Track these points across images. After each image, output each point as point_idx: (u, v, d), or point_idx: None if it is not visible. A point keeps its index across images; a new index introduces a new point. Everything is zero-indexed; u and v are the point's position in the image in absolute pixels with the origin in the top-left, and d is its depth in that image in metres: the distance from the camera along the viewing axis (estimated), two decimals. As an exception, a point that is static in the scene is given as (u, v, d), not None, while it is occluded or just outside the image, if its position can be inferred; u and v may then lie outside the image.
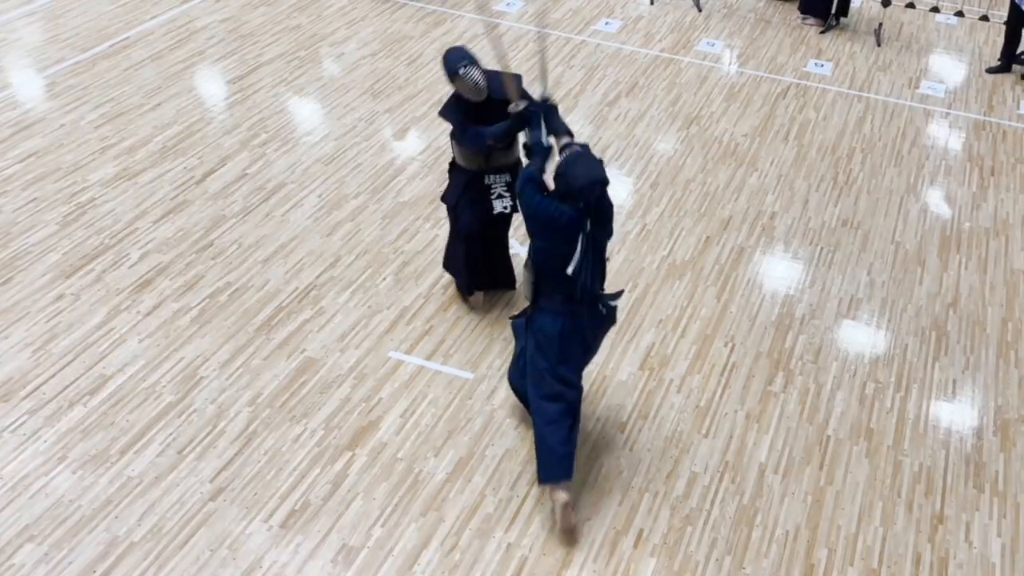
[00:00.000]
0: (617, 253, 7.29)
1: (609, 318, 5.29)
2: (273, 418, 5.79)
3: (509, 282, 6.74)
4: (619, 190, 7.86)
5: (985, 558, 5.35)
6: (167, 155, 7.98)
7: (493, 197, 6.21)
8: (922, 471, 5.81)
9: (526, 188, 4.98)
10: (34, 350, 6.13)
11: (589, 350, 5.35)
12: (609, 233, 5.13)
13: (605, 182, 4.89)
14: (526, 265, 5.20)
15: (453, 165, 6.34)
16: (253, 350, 6.24)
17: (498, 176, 6.17)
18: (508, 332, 6.47)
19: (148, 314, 6.45)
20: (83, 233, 7.10)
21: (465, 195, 6.23)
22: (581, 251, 4.90)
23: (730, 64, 10.22)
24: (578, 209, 4.85)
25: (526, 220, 5.05)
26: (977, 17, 11.08)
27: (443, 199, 6.46)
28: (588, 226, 4.90)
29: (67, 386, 5.91)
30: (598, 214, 4.95)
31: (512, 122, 5.71)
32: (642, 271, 7.15)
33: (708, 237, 7.56)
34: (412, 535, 5.20)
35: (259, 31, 9.98)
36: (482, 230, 6.34)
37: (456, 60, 5.83)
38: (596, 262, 5.05)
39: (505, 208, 6.23)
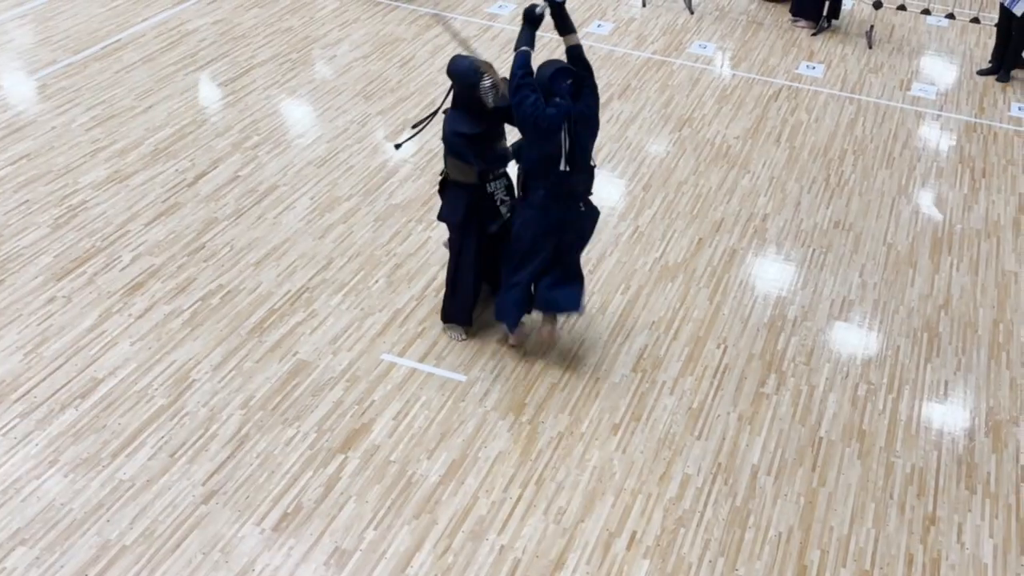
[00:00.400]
0: (610, 255, 7.30)
1: (589, 214, 6.01)
2: (265, 421, 5.78)
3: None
4: (612, 192, 7.87)
5: (977, 559, 5.36)
6: (159, 157, 7.97)
7: (498, 204, 6.15)
8: (914, 472, 5.82)
9: (518, 91, 5.65)
10: (25, 353, 6.12)
11: (565, 250, 6.02)
12: (593, 135, 5.85)
13: (569, 71, 5.67)
14: (517, 160, 5.92)
15: (448, 183, 6.15)
16: (245, 353, 6.23)
17: (497, 182, 6.14)
18: (501, 334, 6.47)
19: (140, 317, 6.43)
20: (75, 236, 7.08)
21: (472, 211, 6.09)
22: (566, 152, 5.69)
23: (722, 66, 10.24)
24: (559, 108, 5.62)
25: (517, 125, 5.75)
26: (968, 19, 11.11)
27: (443, 218, 6.26)
28: (570, 127, 5.65)
29: (58, 389, 5.89)
30: (580, 116, 5.70)
31: (526, 25, 5.81)
32: (634, 273, 7.16)
33: (700, 239, 7.57)
34: (405, 538, 5.19)
35: (251, 33, 9.97)
36: (490, 244, 6.20)
37: (471, 70, 5.77)
38: (581, 162, 5.80)
39: (507, 213, 6.15)
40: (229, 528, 5.16)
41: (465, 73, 5.80)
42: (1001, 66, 10.38)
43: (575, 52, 5.82)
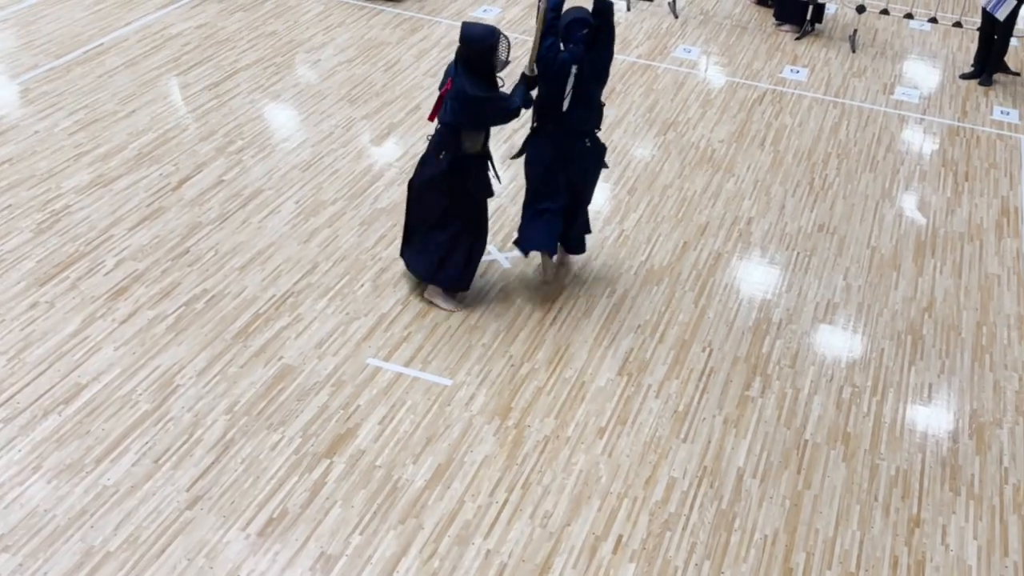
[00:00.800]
0: (595, 259, 7.30)
1: (595, 151, 6.64)
2: (250, 426, 5.76)
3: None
4: (597, 196, 7.87)
5: (962, 560, 5.38)
6: (142, 162, 7.93)
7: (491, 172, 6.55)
8: (899, 475, 5.84)
9: (544, 41, 6.28)
10: (8, 359, 6.07)
11: (576, 183, 6.66)
12: (600, 83, 6.48)
13: (586, 22, 6.29)
14: (526, 106, 6.37)
15: (461, 160, 6.31)
16: (230, 358, 6.20)
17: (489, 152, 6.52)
18: (487, 338, 6.47)
19: (124, 322, 6.40)
20: (58, 240, 7.04)
21: (486, 178, 6.51)
22: (569, 94, 6.29)
23: (706, 70, 10.27)
24: (571, 55, 6.24)
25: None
26: (950, 24, 11.18)
27: (479, 194, 6.50)
28: (579, 73, 6.26)
29: (42, 395, 5.85)
30: (590, 64, 6.30)
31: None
32: (620, 277, 7.16)
33: (685, 243, 7.59)
34: (391, 543, 5.18)
35: (235, 37, 9.94)
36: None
37: (489, 32, 6.12)
38: (585, 104, 6.41)
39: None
40: (214, 534, 5.14)
41: (483, 36, 6.12)
42: (983, 70, 10.45)
43: (601, 6, 6.35)
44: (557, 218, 6.65)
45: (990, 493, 5.79)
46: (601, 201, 7.87)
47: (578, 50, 6.27)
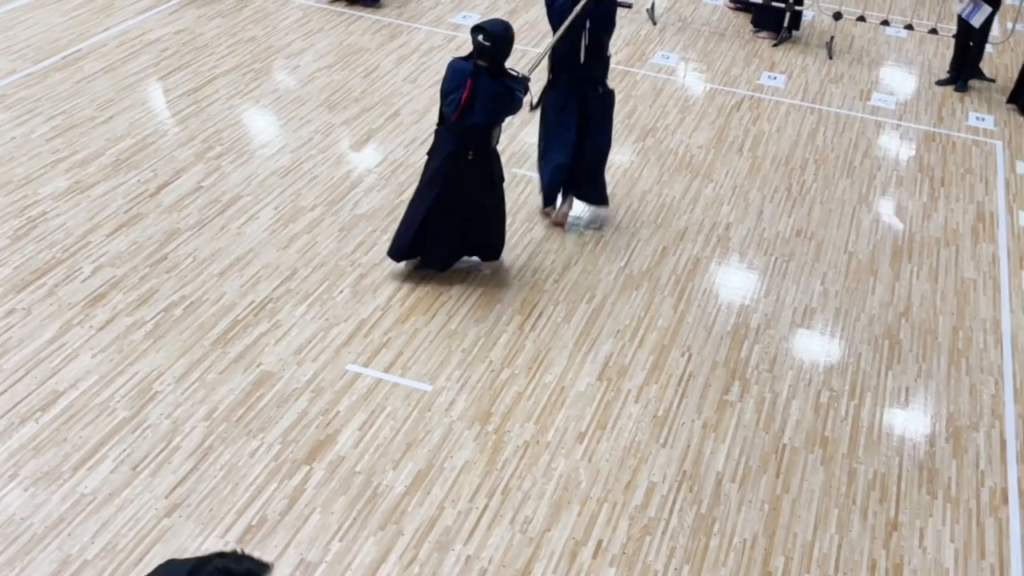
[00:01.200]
0: (575, 264, 7.32)
1: (606, 97, 7.41)
2: (229, 433, 5.74)
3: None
4: (576, 204, 7.89)
5: (939, 563, 5.42)
6: (120, 168, 7.90)
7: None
8: (876, 478, 5.88)
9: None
10: (-16, 366, 6.04)
11: (590, 129, 7.39)
12: (609, 33, 7.23)
13: None
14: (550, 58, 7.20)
15: (479, 159, 6.66)
16: (209, 364, 6.18)
17: None
18: (467, 343, 6.48)
19: (101, 328, 6.37)
20: (35, 247, 7.00)
21: (501, 163, 6.96)
22: (585, 45, 7.05)
23: (685, 76, 10.32)
24: (583, 8, 6.87)
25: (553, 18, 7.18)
26: (926, 31, 11.27)
27: (499, 182, 6.89)
28: (591, 26, 6.99)
29: (18, 402, 5.81)
30: (599, 16, 7.04)
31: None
32: (599, 282, 7.18)
33: (664, 248, 7.61)
34: (371, 549, 5.17)
35: (214, 43, 9.92)
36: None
37: (507, 25, 6.43)
38: (596, 54, 7.18)
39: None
40: (192, 541, 5.11)
41: (507, 28, 6.44)
42: (959, 76, 10.54)
43: None
44: (563, 172, 7.47)
45: (967, 496, 5.84)
46: (580, 208, 7.89)
47: (590, 4, 6.90)
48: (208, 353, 6.26)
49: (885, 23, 11.36)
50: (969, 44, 10.41)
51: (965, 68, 10.49)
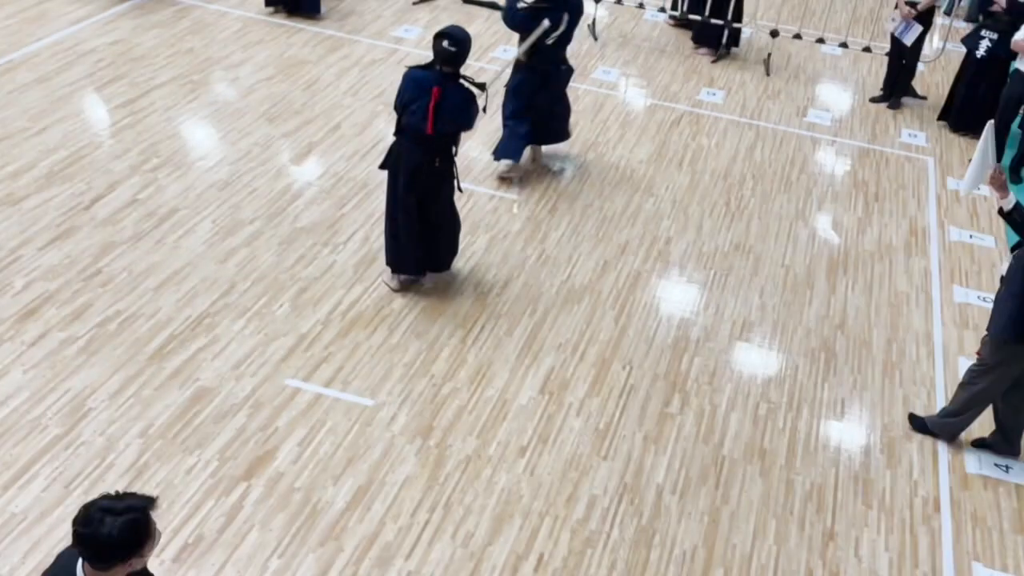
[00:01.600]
0: (516, 278, 7.33)
1: (567, 72, 8.48)
2: (165, 449, 5.64)
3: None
4: (518, 215, 7.91)
5: (874, 572, 5.50)
6: (53, 180, 7.75)
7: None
8: (813, 489, 5.96)
9: None
10: (-90, 383, 5.87)
11: (553, 96, 8.45)
12: (578, 20, 8.21)
13: None
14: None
15: (450, 160, 6.75)
16: (144, 380, 6.08)
17: None
18: (409, 357, 6.45)
19: (33, 344, 6.23)
20: (-36, 261, 6.83)
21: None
22: (560, 33, 8.01)
23: (626, 92, 10.40)
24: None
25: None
26: (860, 48, 11.50)
27: (458, 185, 6.99)
28: (570, 17, 8.02)
29: (-54, 420, 5.66)
30: (575, 8, 8.10)
31: None
32: (541, 295, 7.20)
33: (606, 262, 7.66)
34: (310, 566, 5.11)
35: (151, 54, 9.78)
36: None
37: (465, 31, 6.53)
38: (566, 40, 8.18)
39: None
40: (127, 561, 5.01)
41: (467, 34, 6.50)
42: (892, 93, 10.77)
43: None
44: (528, 136, 8.46)
45: (900, 506, 5.93)
46: (522, 221, 7.91)
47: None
48: (144, 369, 6.15)
49: (821, 41, 11.57)
50: (902, 62, 10.64)
51: (898, 86, 10.72)
